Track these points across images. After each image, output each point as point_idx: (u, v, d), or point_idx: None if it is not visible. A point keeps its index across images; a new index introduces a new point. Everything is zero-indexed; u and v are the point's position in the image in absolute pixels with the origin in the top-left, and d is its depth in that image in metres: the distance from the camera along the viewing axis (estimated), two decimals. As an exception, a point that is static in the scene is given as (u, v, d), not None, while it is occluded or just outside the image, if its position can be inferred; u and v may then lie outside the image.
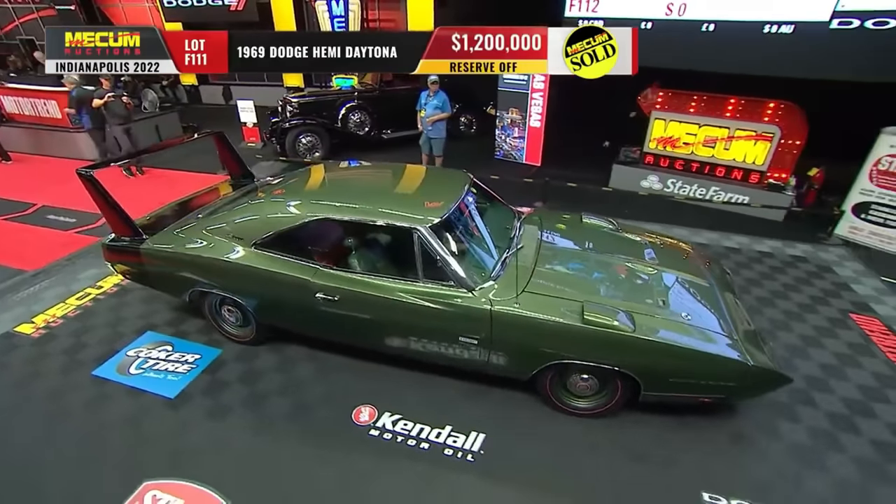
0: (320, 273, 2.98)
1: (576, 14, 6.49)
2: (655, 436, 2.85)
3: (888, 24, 4.89)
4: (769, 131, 5.69)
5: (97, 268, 4.70)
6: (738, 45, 5.61)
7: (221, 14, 11.10)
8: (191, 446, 2.78)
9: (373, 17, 10.96)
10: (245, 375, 3.33)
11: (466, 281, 2.73)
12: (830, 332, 3.82)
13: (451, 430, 2.88)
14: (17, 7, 14.42)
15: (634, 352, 2.56)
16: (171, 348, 3.59)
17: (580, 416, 2.94)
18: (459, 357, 2.91)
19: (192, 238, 3.32)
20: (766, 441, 2.82)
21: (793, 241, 5.34)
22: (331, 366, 3.41)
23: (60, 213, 6.11)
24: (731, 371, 2.53)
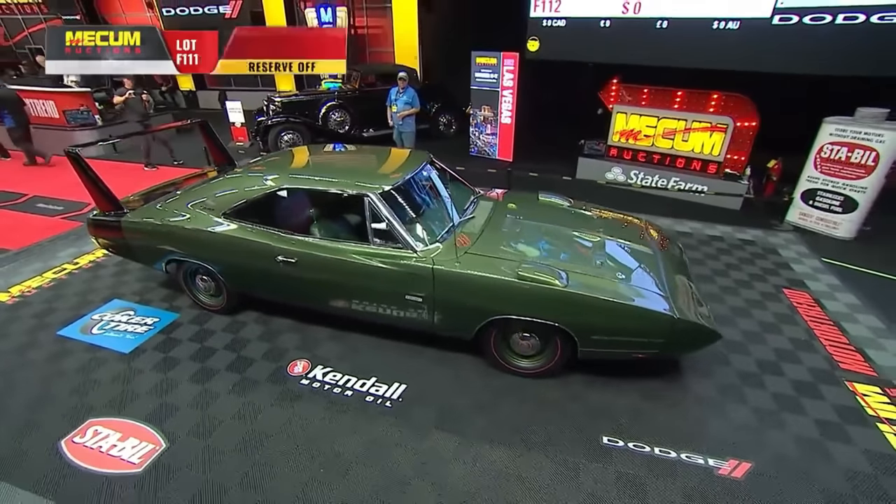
0: (281, 239, 3.24)
1: (540, 14, 6.83)
2: (571, 390, 3.05)
3: (824, 19, 5.15)
4: (723, 122, 5.93)
5: (76, 247, 5.03)
6: (689, 41, 5.90)
7: (218, 22, 11.61)
8: (137, 391, 3.02)
9: (360, 24, 11.40)
10: (196, 335, 3.58)
11: (411, 242, 2.97)
12: (761, 304, 4.01)
13: (375, 381, 3.10)
14: (26, 18, 15.13)
15: (567, 307, 2.73)
16: (134, 313, 3.86)
17: (525, 375, 3.10)
18: (408, 318, 3.11)
19: (170, 211, 3.59)
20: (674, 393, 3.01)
21: (744, 227, 5.54)
22: (279, 328, 3.66)
23: (49, 202, 6.46)
24: (659, 325, 2.67)
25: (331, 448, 2.60)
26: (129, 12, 13.31)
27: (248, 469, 2.48)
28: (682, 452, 2.58)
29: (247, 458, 2.54)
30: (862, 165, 5.00)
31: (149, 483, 2.41)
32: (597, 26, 6.42)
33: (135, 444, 2.62)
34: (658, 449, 2.60)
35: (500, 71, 7.62)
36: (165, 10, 11.77)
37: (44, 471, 2.47)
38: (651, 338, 2.75)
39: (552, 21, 6.77)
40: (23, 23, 15.23)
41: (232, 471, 2.47)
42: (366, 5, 11.24)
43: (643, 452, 2.59)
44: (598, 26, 6.40)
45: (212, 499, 2.33)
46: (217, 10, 11.33)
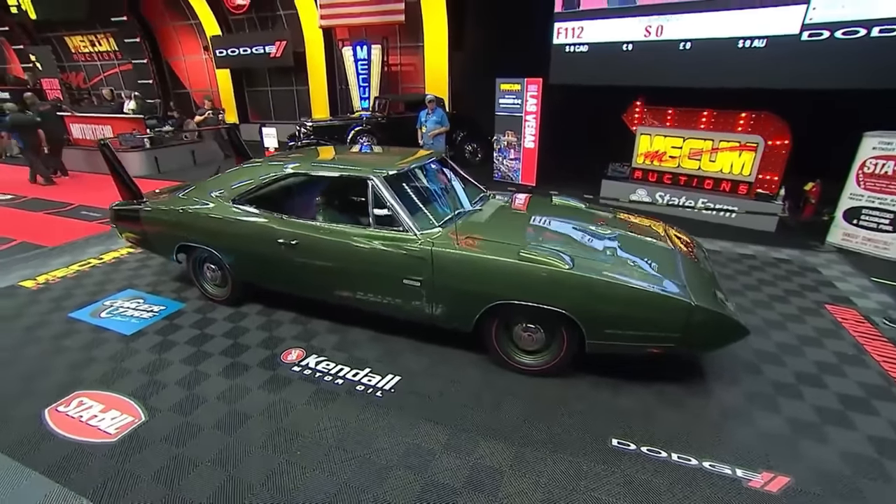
0: (283, 222, 3.25)
1: (563, 41, 6.98)
2: (577, 390, 2.78)
3: (858, 33, 4.98)
4: (753, 141, 5.69)
5: (104, 246, 5.26)
6: (714, 61, 5.82)
7: (263, 61, 12.60)
8: (129, 368, 2.98)
9: (394, 62, 12.04)
10: (198, 323, 3.56)
11: (411, 225, 2.89)
12: (798, 318, 3.62)
13: (368, 372, 2.93)
14: (103, 63, 16.96)
15: (572, 290, 2.51)
16: (143, 301, 3.91)
17: (528, 373, 2.86)
18: (406, 306, 2.98)
19: (186, 199, 3.70)
20: (694, 399, 2.68)
21: (780, 247, 5.15)
22: (279, 319, 3.59)
23: (92, 210, 6.87)
24: (674, 314, 2.41)
25: (312, 433, 2.43)
26: (188, 55, 14.67)
27: (224, 447, 2.34)
28: (705, 460, 2.24)
29: (224, 437, 2.40)
30: (912, 180, 4.62)
31: (120, 453, 2.30)
32: (619, 50, 6.48)
33: (115, 416, 2.55)
34: (676, 455, 2.28)
35: (524, 96, 7.75)
36: (218, 51, 12.90)
37: (22, 436, 2.42)
38: (666, 329, 2.48)
39: (574, 47, 6.89)
40: (100, 67, 17.07)
41: (207, 447, 2.33)
42: (399, 44, 11.92)
43: (658, 457, 2.27)
44: (621, 50, 6.45)
45: (179, 472, 2.19)
46: (263, 51, 12.29)
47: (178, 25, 14.28)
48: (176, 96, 15.28)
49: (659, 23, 6.07)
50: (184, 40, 14.55)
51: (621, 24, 6.33)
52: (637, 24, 6.22)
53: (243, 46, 12.51)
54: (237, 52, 12.63)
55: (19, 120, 8.33)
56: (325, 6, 11.38)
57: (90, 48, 16.69)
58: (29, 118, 8.43)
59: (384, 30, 11.48)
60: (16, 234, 5.73)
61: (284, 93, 13.75)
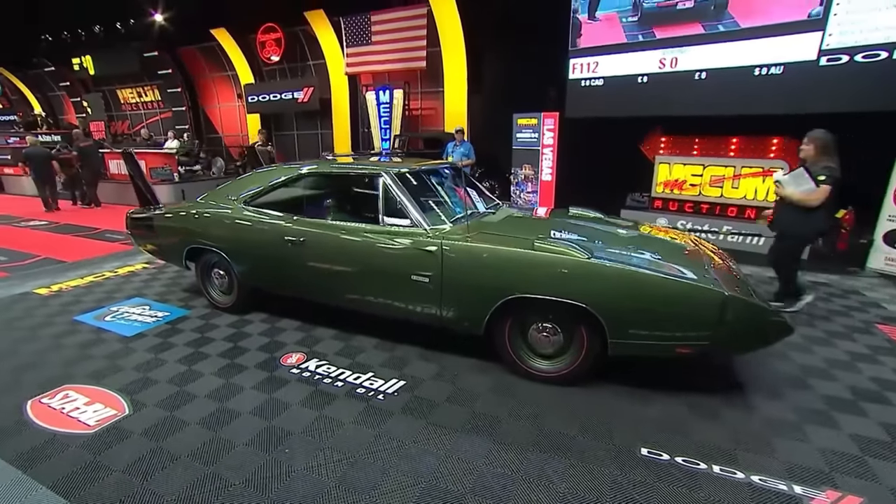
0: (293, 221, 3.20)
1: (578, 76, 7.14)
2: (593, 400, 2.49)
3: (879, 56, 4.92)
4: (777, 166, 5.52)
5: (121, 261, 5.30)
6: (730, 89, 5.80)
7: (291, 106, 13.32)
8: (123, 366, 2.85)
9: (414, 106, 12.55)
10: (200, 328, 3.44)
11: (420, 219, 2.80)
12: (847, 336, 3.28)
13: (371, 376, 2.72)
14: (147, 112, 18.28)
15: (590, 281, 2.32)
16: (148, 307, 3.84)
17: (544, 380, 2.60)
18: (414, 307, 2.82)
19: (200, 203, 3.73)
20: (733, 411, 2.36)
21: (815, 273, 4.81)
22: (283, 327, 3.44)
23: (116, 233, 7.04)
24: (705, 306, 2.17)
25: (304, 432, 2.20)
26: (222, 103, 15.68)
27: (206, 442, 2.13)
28: (753, 474, 1.91)
29: (208, 433, 2.20)
30: (956, 199, 4.32)
31: (95, 444, 2.12)
32: (634, 82, 6.56)
33: (97, 409, 2.39)
34: (718, 467, 1.95)
35: (541, 130, 7.86)
36: (250, 97, 13.74)
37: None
38: (696, 324, 2.24)
39: (590, 81, 7.04)
40: (143, 116, 18.38)
41: (188, 443, 2.13)
42: (420, 89, 12.48)
43: (696, 469, 1.95)
44: (636, 82, 6.54)
45: (154, 466, 1.98)
46: (291, 96, 13.03)
47: (217, 77, 15.40)
48: (209, 140, 16.17)
49: (673, 55, 6.16)
50: (220, 90, 15.62)
51: (636, 57, 6.46)
52: (651, 57, 6.33)
53: (273, 93, 13.30)
54: (267, 97, 13.41)
55: (31, 152, 9.15)
56: (351, 55, 12.12)
57: (137, 98, 18.07)
58: (40, 151, 9.22)
59: (406, 75, 12.07)
60: (41, 251, 5.87)
61: (309, 136, 14.39)
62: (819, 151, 3.26)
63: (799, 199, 3.27)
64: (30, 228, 7.52)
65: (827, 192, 3.15)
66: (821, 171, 3.18)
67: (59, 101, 20.06)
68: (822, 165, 3.20)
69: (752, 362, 2.83)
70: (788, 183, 3.34)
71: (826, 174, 3.14)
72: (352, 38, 12.02)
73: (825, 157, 3.24)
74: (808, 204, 3.22)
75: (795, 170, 3.41)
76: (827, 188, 3.14)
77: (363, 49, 12.07)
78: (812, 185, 3.19)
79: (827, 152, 3.25)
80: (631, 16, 6.35)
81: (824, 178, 3.14)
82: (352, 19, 11.73)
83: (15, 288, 4.34)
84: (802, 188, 3.25)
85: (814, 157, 3.28)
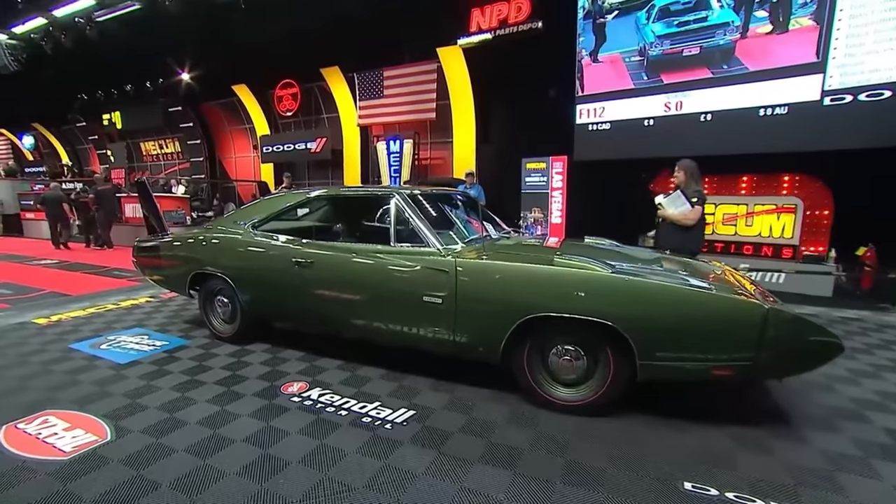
0: (301, 243, 3.13)
1: (585, 120, 7.33)
2: (622, 430, 2.25)
3: (883, 95, 5.00)
4: (790, 203, 5.46)
5: (126, 295, 5.20)
6: (736, 130, 5.89)
7: (305, 155, 13.79)
8: (112, 392, 2.65)
9: (424, 156, 12.92)
10: (199, 356, 3.26)
11: (433, 240, 2.70)
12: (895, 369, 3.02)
13: (378, 405, 2.50)
14: (166, 163, 19.01)
15: (616, 296, 2.16)
16: (147, 336, 3.68)
17: (567, 410, 2.37)
18: (425, 333, 2.65)
19: (207, 228, 3.68)
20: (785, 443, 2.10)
21: (844, 308, 4.58)
22: (286, 357, 3.25)
23: (125, 271, 7.00)
24: (746, 322, 1.98)
25: (303, 462, 1.97)
26: (238, 154, 16.31)
27: (192, 470, 1.90)
28: (820, 514, 1.64)
29: (196, 460, 1.98)
30: None
31: (67, 471, 1.90)
32: (641, 126, 6.71)
33: (76, 435, 2.18)
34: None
35: (550, 174, 7.95)
36: (265, 148, 14.28)
37: (-30, 450, 2.06)
38: (735, 342, 2.04)
39: (597, 125, 7.21)
40: (163, 166, 19.11)
41: (172, 470, 1.91)
42: (430, 140, 12.90)
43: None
44: (643, 125, 6.68)
45: (131, 495, 1.75)
46: (305, 147, 13.52)
47: (234, 129, 16.14)
48: (222, 189, 16.65)
49: (678, 99, 6.33)
50: (237, 142, 16.30)
51: (641, 102, 6.65)
52: (656, 101, 6.51)
53: (287, 143, 13.82)
54: (282, 148, 13.93)
55: (47, 196, 9.87)
56: (363, 108, 12.69)
57: (158, 150, 18.89)
58: (55, 194, 9.77)
59: (416, 125, 12.54)
60: (46, 285, 5.81)
61: (321, 184, 14.77)
62: (689, 177, 3.65)
63: (678, 219, 3.58)
64: (40, 266, 7.53)
65: (699, 212, 3.54)
66: (692, 194, 3.55)
67: (85, 153, 21.03)
68: (692, 189, 3.58)
69: (793, 393, 2.59)
70: (668, 205, 3.66)
71: (697, 197, 3.53)
72: (364, 92, 12.63)
73: (693, 182, 3.64)
74: (686, 223, 3.57)
75: (672, 193, 3.74)
76: (699, 209, 3.54)
77: (375, 102, 12.65)
78: (688, 206, 3.54)
79: (694, 178, 3.66)
80: (637, 62, 6.60)
81: (696, 199, 3.52)
82: (365, 75, 12.39)
83: (14, 318, 4.22)
84: (679, 209, 3.58)
85: (685, 182, 3.66)
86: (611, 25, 6.75)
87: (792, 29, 5.43)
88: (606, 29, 6.78)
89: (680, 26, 6.07)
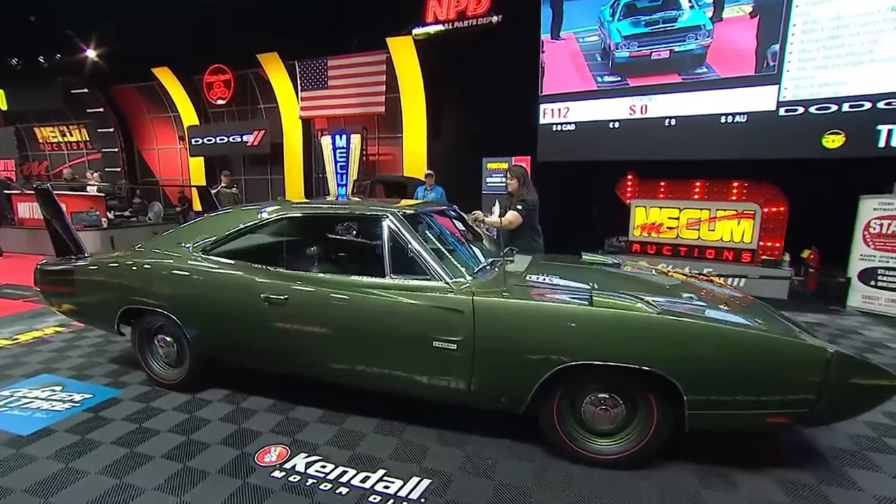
0: (270, 274, 2.56)
1: (549, 120, 7.19)
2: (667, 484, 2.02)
3: (829, 108, 5.31)
4: (749, 209, 5.68)
5: (25, 325, 4.23)
6: (699, 135, 6.03)
7: (240, 149, 12.54)
8: (9, 487, 1.97)
9: (372, 152, 12.25)
10: (136, 414, 2.59)
11: (440, 272, 2.27)
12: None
13: (383, 475, 2.06)
14: (71, 153, 16.52)
15: (666, 340, 1.92)
16: (61, 388, 2.91)
17: (602, 465, 2.10)
18: (435, 381, 2.24)
19: (140, 252, 2.97)
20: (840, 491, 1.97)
21: (803, 312, 4.81)
22: (252, 407, 2.69)
23: (17, 288, 5.80)
24: (808, 366, 1.82)
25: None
26: (161, 145, 14.53)
27: None
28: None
29: None
30: (923, 238, 4.54)
31: None
32: (606, 128, 6.69)
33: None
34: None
35: (511, 174, 7.76)
36: (194, 140, 12.80)
37: None
38: (794, 388, 1.87)
39: (561, 126, 7.10)
40: (67, 157, 16.57)
41: None
42: (378, 135, 12.26)
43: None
44: (608, 128, 6.67)
45: None
46: (240, 139, 12.29)
47: (156, 118, 14.33)
48: (143, 184, 14.77)
49: (643, 102, 6.37)
50: (159, 131, 14.51)
51: (606, 104, 6.62)
52: (621, 103, 6.51)
53: (220, 135, 12.50)
54: (213, 140, 12.57)
55: None
56: (306, 99, 11.76)
57: (59, 138, 16.35)
58: None
59: (363, 120, 11.83)
60: None
61: (258, 181, 13.55)
62: (521, 184, 3.89)
63: (501, 225, 3.81)
64: None
65: (515, 216, 3.74)
66: (518, 201, 3.79)
67: (-42, 139, 17.69)
68: (519, 197, 3.82)
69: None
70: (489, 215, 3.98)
71: (521, 204, 3.77)
72: (307, 83, 11.71)
73: (524, 189, 3.87)
74: (510, 227, 3.79)
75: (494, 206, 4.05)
76: (515, 213, 3.75)
77: (319, 93, 11.77)
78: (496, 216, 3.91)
79: (526, 184, 3.90)
80: (602, 64, 6.55)
81: (520, 207, 3.76)
82: (308, 63, 11.47)
83: None
84: (493, 217, 3.92)
85: (517, 189, 3.89)
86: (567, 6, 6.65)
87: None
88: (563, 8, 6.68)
89: (648, 26, 6.07)
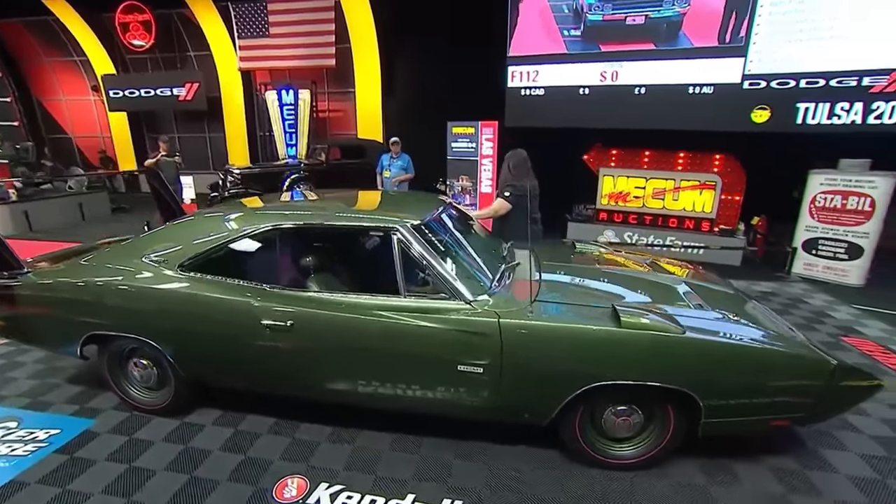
0: (268, 294, 2.29)
1: (517, 84, 6.95)
2: (684, 484, 2.17)
3: (788, 84, 5.53)
4: (711, 180, 5.95)
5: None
6: (668, 105, 6.10)
7: (170, 104, 11.15)
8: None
9: (322, 108, 11.37)
10: (121, 450, 2.35)
11: (461, 291, 2.15)
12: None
13: (414, 500, 2.04)
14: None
15: (691, 360, 1.99)
16: (17, 424, 2.55)
17: (620, 467, 2.21)
18: (456, 401, 2.19)
19: (98, 266, 2.57)
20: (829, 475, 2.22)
21: (756, 280, 5.25)
22: (253, 429, 2.52)
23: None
24: (815, 376, 1.99)
25: None
26: (69, 95, 12.54)
27: None
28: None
29: None
30: (860, 211, 5.02)
31: None
32: (576, 94, 6.58)
33: None
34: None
35: (479, 140, 7.52)
36: (112, 91, 11.15)
37: None
38: (800, 395, 2.04)
39: (530, 90, 6.89)
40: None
41: None
42: (328, 90, 11.35)
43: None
44: (578, 94, 6.56)
45: None
46: (171, 93, 10.88)
47: (57, 62, 12.24)
48: (52, 142, 12.84)
49: (613, 69, 6.28)
50: (64, 79, 12.46)
51: (577, 68, 6.47)
52: (592, 69, 6.39)
53: (145, 88, 10.98)
54: (137, 93, 11.03)
55: None
56: (245, 48, 10.51)
57: (-73, 85, 13.59)
58: None
59: (310, 73, 10.85)
60: None
61: (195, 139, 12.24)
62: (514, 171, 3.76)
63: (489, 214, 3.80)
64: None
65: (501, 203, 3.69)
66: (506, 188, 3.72)
67: None
68: (508, 184, 3.73)
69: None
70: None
71: (509, 191, 3.67)
72: (245, 29, 10.45)
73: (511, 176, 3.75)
74: (498, 215, 3.75)
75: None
76: (501, 200, 3.69)
77: (260, 42, 10.59)
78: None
79: (514, 171, 3.76)
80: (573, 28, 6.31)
81: (508, 194, 3.66)
82: (243, 6, 10.18)
83: None
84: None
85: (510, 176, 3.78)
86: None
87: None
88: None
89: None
